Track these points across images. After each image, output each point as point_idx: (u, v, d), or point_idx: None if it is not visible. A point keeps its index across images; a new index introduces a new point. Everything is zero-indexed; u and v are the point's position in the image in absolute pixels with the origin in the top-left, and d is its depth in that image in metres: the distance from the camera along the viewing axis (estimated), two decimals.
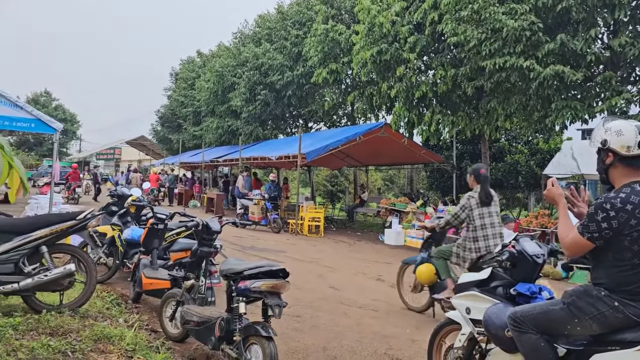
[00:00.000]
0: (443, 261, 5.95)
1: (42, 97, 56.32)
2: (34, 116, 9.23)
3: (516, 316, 2.77)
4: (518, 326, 2.74)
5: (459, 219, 5.86)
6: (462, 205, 5.83)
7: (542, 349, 2.67)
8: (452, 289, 5.57)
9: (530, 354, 2.72)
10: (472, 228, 5.73)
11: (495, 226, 5.73)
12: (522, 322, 2.73)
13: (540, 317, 2.69)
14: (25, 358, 3.56)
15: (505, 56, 11.01)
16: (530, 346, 2.70)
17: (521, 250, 3.17)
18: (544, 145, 18.79)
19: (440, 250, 6.06)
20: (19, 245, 4.81)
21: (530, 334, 2.70)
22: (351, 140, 15.33)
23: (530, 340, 2.69)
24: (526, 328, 2.71)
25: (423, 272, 5.96)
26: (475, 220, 5.70)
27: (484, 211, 5.71)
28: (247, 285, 3.73)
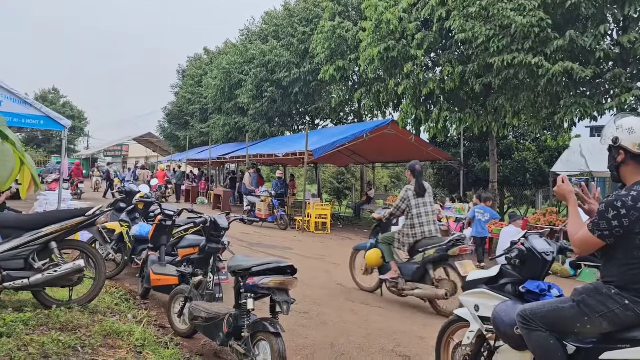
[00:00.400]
0: (388, 246, 6.76)
1: (50, 94, 56.62)
2: (43, 113, 9.29)
3: (525, 314, 2.75)
4: (527, 324, 2.73)
5: (400, 210, 6.68)
6: (402, 198, 6.67)
7: (551, 347, 2.66)
8: (395, 270, 6.60)
9: (539, 351, 2.71)
10: (410, 217, 6.53)
11: (429, 214, 6.56)
12: (532, 320, 2.72)
13: (550, 315, 2.68)
14: (36, 353, 3.59)
15: (514, 53, 10.95)
16: (539, 344, 2.69)
17: (530, 247, 3.15)
18: (552, 143, 18.70)
19: (385, 237, 6.84)
20: (29, 241, 4.85)
21: (540, 331, 2.68)
22: (358, 137, 15.30)
23: (540, 338, 2.68)
24: (535, 326, 2.70)
25: (371, 257, 6.77)
26: (412, 209, 6.50)
27: (419, 201, 6.54)
28: (255, 281, 3.74)
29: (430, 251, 6.24)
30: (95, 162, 51.86)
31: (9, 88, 8.82)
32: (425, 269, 6.29)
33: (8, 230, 4.98)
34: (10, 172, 2.22)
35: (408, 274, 6.44)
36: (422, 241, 6.42)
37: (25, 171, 2.48)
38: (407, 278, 6.44)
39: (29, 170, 2.45)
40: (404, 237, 6.59)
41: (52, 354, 3.60)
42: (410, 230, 6.51)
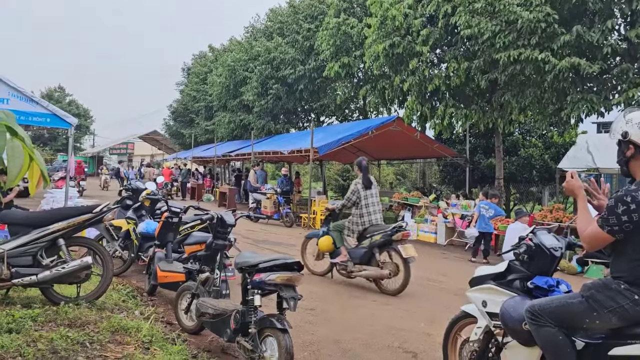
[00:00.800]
0: (338, 233, 7.48)
1: (56, 93, 56.82)
2: (49, 111, 9.32)
3: (534, 309, 2.74)
4: (536, 319, 2.72)
5: (351, 201, 7.41)
6: (352, 190, 7.41)
7: (560, 342, 2.64)
8: (345, 254, 7.29)
9: (548, 347, 2.70)
10: (359, 207, 7.31)
11: (375, 205, 7.37)
12: (540, 315, 2.70)
13: (559, 310, 2.67)
14: (44, 349, 3.62)
15: (520, 48, 10.89)
16: (548, 339, 2.68)
17: (539, 243, 3.14)
18: (559, 139, 18.59)
19: (336, 225, 7.60)
20: (36, 238, 4.88)
21: (549, 327, 2.67)
22: (363, 134, 15.28)
23: (549, 333, 2.67)
24: (544, 321, 2.69)
25: (324, 243, 7.42)
26: (361, 201, 7.28)
27: (367, 193, 7.33)
28: (262, 278, 3.75)
29: (377, 237, 6.98)
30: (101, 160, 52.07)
31: (15, 86, 8.85)
32: (372, 253, 7.04)
33: (16, 227, 5.02)
34: (20, 168, 2.23)
35: (356, 258, 7.16)
36: (370, 228, 7.20)
37: (34, 167, 2.49)
38: (355, 261, 7.17)
39: (38, 166, 2.46)
40: (353, 225, 7.36)
41: (60, 350, 3.62)
42: (359, 219, 7.30)
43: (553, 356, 2.71)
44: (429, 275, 8.62)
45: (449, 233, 13.25)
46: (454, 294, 7.25)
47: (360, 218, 7.29)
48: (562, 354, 2.65)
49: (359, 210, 7.31)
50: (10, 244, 4.83)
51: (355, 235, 7.36)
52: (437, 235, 13.45)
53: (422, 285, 7.79)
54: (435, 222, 13.71)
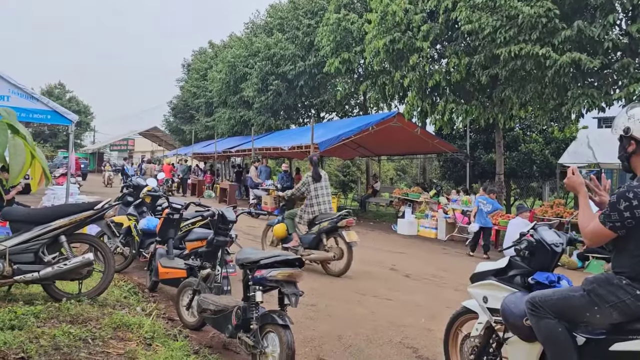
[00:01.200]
0: (291, 221, 8.16)
1: (57, 89, 56.72)
2: (49, 108, 9.32)
3: (535, 301, 2.75)
4: (536, 311, 2.72)
5: (300, 191, 8.23)
6: (302, 182, 8.17)
7: (560, 335, 2.65)
8: (296, 240, 8.00)
9: (547, 339, 2.70)
10: (309, 197, 8.07)
11: (324, 195, 8.12)
12: (541, 307, 2.71)
13: (560, 302, 2.67)
14: (47, 345, 3.63)
15: (521, 44, 10.86)
16: (548, 331, 2.68)
17: (540, 239, 3.14)
18: (559, 134, 18.59)
19: (289, 213, 8.25)
20: (38, 234, 4.89)
21: (549, 319, 2.68)
22: (364, 130, 15.28)
23: (549, 325, 2.67)
24: (544, 313, 2.69)
25: (278, 230, 8.18)
26: (311, 192, 8.06)
27: (317, 186, 8.07)
28: (263, 274, 3.75)
29: (324, 224, 7.67)
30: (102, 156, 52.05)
31: (16, 83, 8.85)
32: (320, 238, 7.72)
33: (18, 224, 5.03)
34: (22, 166, 2.23)
35: (306, 243, 7.85)
36: (319, 216, 7.94)
37: (36, 165, 2.49)
38: (305, 246, 7.86)
39: (40, 163, 2.46)
40: (304, 213, 8.09)
41: (63, 346, 3.64)
42: (309, 208, 8.05)
43: (552, 348, 2.71)
44: (429, 270, 8.64)
45: (449, 228, 13.26)
46: (454, 289, 7.27)
47: (310, 207, 8.07)
48: (562, 346, 2.65)
49: (309, 200, 8.10)
50: (12, 240, 4.84)
51: (305, 223, 8.08)
52: (437, 230, 13.47)
53: (423, 281, 7.81)
54: (435, 217, 13.72)
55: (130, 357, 3.66)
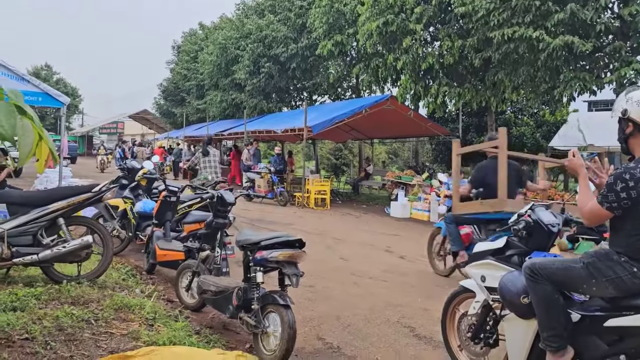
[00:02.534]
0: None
1: (43, 71, 55.84)
2: (41, 90, 9.23)
3: (534, 267, 2.83)
4: (534, 277, 2.81)
5: (193, 163, 11.35)
6: (195, 156, 10.93)
7: (555, 301, 2.75)
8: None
9: (541, 302, 2.79)
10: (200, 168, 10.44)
11: (211, 167, 10.42)
12: (539, 274, 2.79)
13: (559, 272, 2.76)
14: (50, 326, 3.66)
15: (514, 26, 10.89)
16: (543, 295, 2.77)
17: (537, 219, 3.21)
18: (550, 117, 18.74)
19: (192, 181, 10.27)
20: (36, 217, 4.89)
21: (546, 285, 2.77)
22: (357, 112, 15.26)
23: (546, 291, 2.76)
24: (542, 280, 2.78)
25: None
26: (200, 164, 10.47)
27: (205, 159, 10.44)
28: (264, 255, 3.80)
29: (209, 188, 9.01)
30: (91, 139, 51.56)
31: (6, 65, 8.75)
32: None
33: (15, 207, 5.01)
34: (31, 147, 2.25)
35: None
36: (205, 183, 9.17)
37: (43, 146, 2.50)
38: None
39: (47, 144, 2.47)
40: (197, 180, 10.04)
41: (66, 327, 3.67)
42: (200, 176, 10.27)
43: (545, 311, 2.79)
44: (423, 252, 8.73)
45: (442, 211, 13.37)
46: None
47: (200, 175, 10.44)
48: (554, 310, 2.75)
49: (200, 170, 10.52)
50: (10, 223, 4.83)
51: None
52: (430, 213, 13.58)
53: (418, 262, 7.92)
54: (428, 200, 13.83)
55: (133, 337, 3.71)
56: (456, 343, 3.79)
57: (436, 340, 4.33)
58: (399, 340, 4.41)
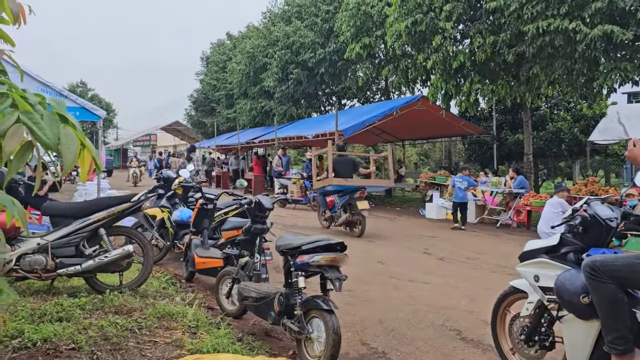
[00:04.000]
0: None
1: (79, 88, 57.52)
2: (78, 104, 9.45)
3: (596, 265, 2.67)
4: (596, 275, 2.65)
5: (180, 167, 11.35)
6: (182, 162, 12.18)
7: (619, 301, 2.59)
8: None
9: (605, 303, 2.62)
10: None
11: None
12: (602, 272, 2.63)
13: (623, 269, 2.59)
14: (96, 335, 3.67)
15: (549, 19, 10.56)
16: (607, 295, 2.60)
17: (594, 214, 3.04)
18: (588, 111, 18.10)
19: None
20: (78, 228, 4.95)
21: (609, 283, 2.60)
22: (388, 114, 15.13)
23: (610, 290, 2.60)
24: (605, 278, 2.61)
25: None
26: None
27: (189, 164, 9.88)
28: (305, 260, 3.73)
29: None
30: (126, 152, 52.74)
31: (44, 81, 8.99)
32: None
33: (57, 218, 5.10)
34: (75, 155, 2.22)
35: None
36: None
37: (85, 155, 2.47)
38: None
39: (90, 153, 2.45)
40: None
41: (112, 336, 3.68)
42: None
43: (609, 312, 2.63)
44: (463, 253, 8.54)
45: (479, 211, 13.09)
46: (490, 271, 7.17)
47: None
48: (619, 310, 2.58)
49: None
50: (54, 235, 4.91)
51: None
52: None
53: (458, 263, 7.73)
54: None
55: (177, 345, 3.68)
56: (508, 346, 3.63)
57: (485, 344, 4.17)
58: (445, 344, 4.27)
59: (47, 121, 2.15)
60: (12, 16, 2.44)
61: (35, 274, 4.73)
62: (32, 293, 4.87)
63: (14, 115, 2.13)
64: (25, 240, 4.82)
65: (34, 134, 2.13)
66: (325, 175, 11.28)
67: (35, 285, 5.12)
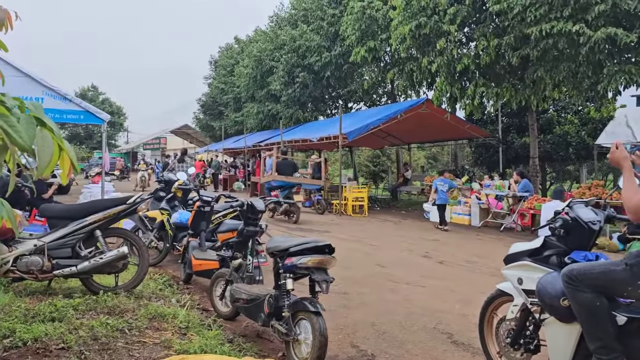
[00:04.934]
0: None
1: (90, 92, 58.17)
2: (82, 108, 9.53)
3: (573, 274, 2.66)
4: (574, 284, 2.64)
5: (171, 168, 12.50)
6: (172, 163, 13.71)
7: (598, 309, 2.57)
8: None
9: (584, 312, 2.61)
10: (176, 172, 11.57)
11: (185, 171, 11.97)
12: (579, 281, 2.62)
13: (601, 276, 2.58)
14: (86, 335, 3.72)
15: (552, 21, 10.53)
16: (586, 304, 2.59)
17: (575, 216, 3.03)
18: (596, 114, 17.94)
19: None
20: (74, 230, 5.01)
21: (586, 293, 2.59)
22: (392, 118, 15.12)
23: (587, 299, 2.58)
24: (582, 287, 2.60)
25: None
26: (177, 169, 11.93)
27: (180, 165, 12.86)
28: (293, 261, 3.75)
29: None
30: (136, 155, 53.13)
31: (50, 85, 9.09)
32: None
33: (54, 220, 5.17)
34: (50, 158, 2.26)
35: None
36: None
37: (64, 157, 2.51)
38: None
39: (67, 155, 2.49)
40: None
41: (101, 337, 3.72)
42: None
43: (589, 322, 2.62)
44: (463, 257, 8.51)
45: (483, 214, 13.03)
46: (489, 274, 7.13)
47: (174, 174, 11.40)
48: (599, 318, 2.57)
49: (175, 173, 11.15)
50: (50, 236, 4.97)
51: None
52: (470, 217, 13.25)
53: (457, 267, 7.70)
54: (469, 204, 13.50)
55: (165, 346, 3.72)
56: (495, 349, 3.62)
57: (475, 347, 4.16)
58: (436, 347, 4.26)
59: (23, 124, 2.19)
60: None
61: (31, 274, 4.80)
62: (29, 294, 4.94)
63: None
64: (23, 242, 4.89)
65: (9, 137, 2.18)
66: (270, 172, 14.91)
67: (33, 286, 5.19)
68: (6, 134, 2.19)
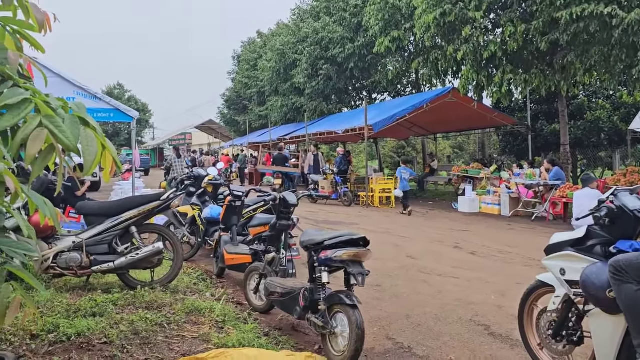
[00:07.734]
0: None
1: (116, 90, 59.10)
2: (112, 106, 9.70)
3: (619, 264, 2.58)
4: (619, 275, 2.56)
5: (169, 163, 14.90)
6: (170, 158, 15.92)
7: None
8: None
9: (629, 305, 2.54)
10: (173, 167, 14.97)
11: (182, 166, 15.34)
12: (625, 271, 2.54)
13: None
14: (127, 330, 3.80)
15: (583, 4, 10.21)
16: (630, 297, 2.52)
17: (621, 205, 2.94)
18: (629, 99, 17.44)
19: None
20: (111, 226, 5.12)
21: (632, 284, 2.51)
22: (418, 108, 14.96)
23: (631, 291, 2.51)
24: (628, 278, 2.53)
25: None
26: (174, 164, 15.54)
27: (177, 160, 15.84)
28: (328, 255, 3.75)
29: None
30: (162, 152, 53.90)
31: (80, 85, 9.27)
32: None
33: (91, 217, 5.29)
34: (95, 157, 2.30)
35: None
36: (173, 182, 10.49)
37: (107, 155, 2.55)
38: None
39: (110, 154, 2.53)
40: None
41: (141, 331, 3.80)
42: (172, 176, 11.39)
43: (635, 314, 2.55)
44: (495, 247, 8.39)
45: (513, 204, 12.82)
46: (523, 265, 7.03)
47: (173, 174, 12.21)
48: None
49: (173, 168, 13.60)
50: (88, 233, 5.09)
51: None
52: (500, 206, 13.05)
53: (490, 257, 7.60)
54: (498, 193, 13.30)
55: (204, 339, 3.77)
56: (536, 341, 3.56)
57: (513, 339, 4.10)
58: (473, 339, 4.21)
59: (68, 124, 2.23)
60: (38, 24, 2.52)
61: (71, 271, 4.92)
62: (69, 289, 5.06)
63: (36, 119, 2.22)
64: (62, 239, 5.01)
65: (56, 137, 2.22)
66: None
67: (72, 282, 5.32)
68: (53, 135, 2.23)
